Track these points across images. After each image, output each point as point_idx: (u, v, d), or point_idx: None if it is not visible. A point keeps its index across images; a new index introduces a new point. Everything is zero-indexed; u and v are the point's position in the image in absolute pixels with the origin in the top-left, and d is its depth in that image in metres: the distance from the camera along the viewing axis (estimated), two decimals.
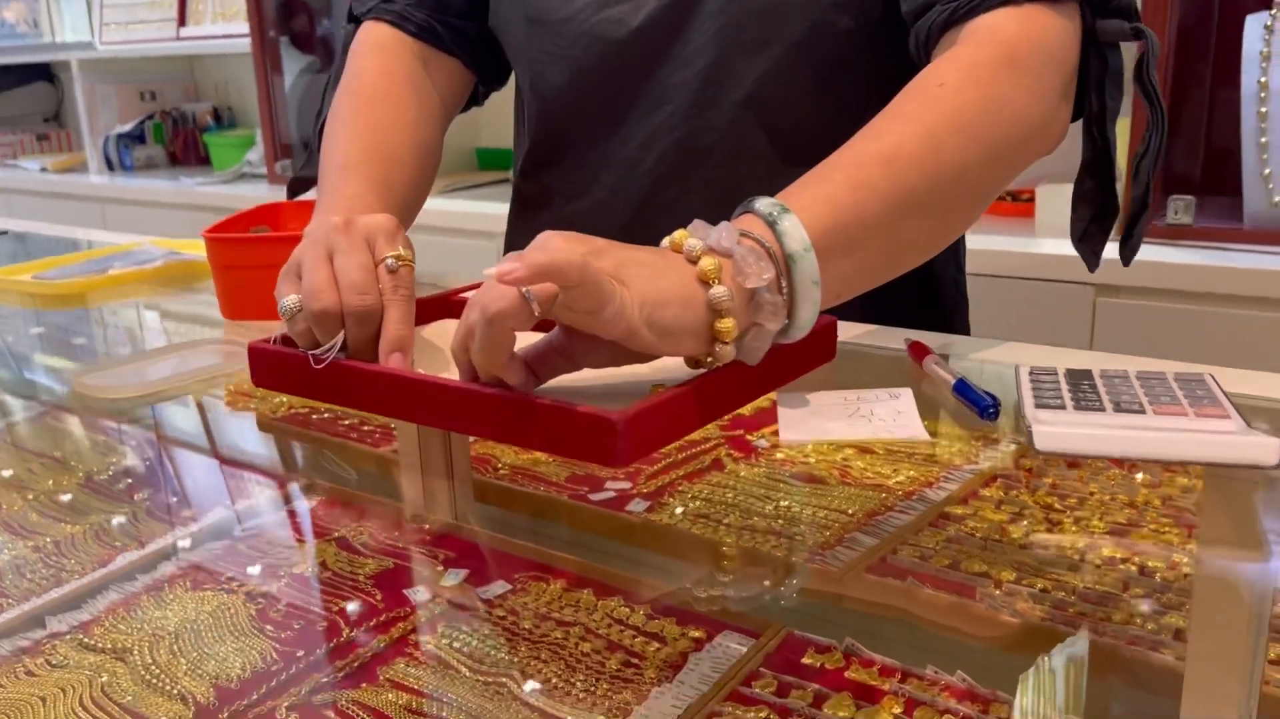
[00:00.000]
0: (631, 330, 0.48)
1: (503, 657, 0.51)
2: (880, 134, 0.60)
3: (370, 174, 0.77)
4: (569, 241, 0.49)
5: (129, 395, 0.78)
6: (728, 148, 0.81)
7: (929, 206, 0.60)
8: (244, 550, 0.64)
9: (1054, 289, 1.46)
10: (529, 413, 0.48)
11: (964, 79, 0.62)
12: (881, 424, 0.47)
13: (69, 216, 3.01)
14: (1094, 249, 0.73)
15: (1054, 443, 0.43)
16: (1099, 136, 0.70)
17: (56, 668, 0.53)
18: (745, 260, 0.51)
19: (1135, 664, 0.48)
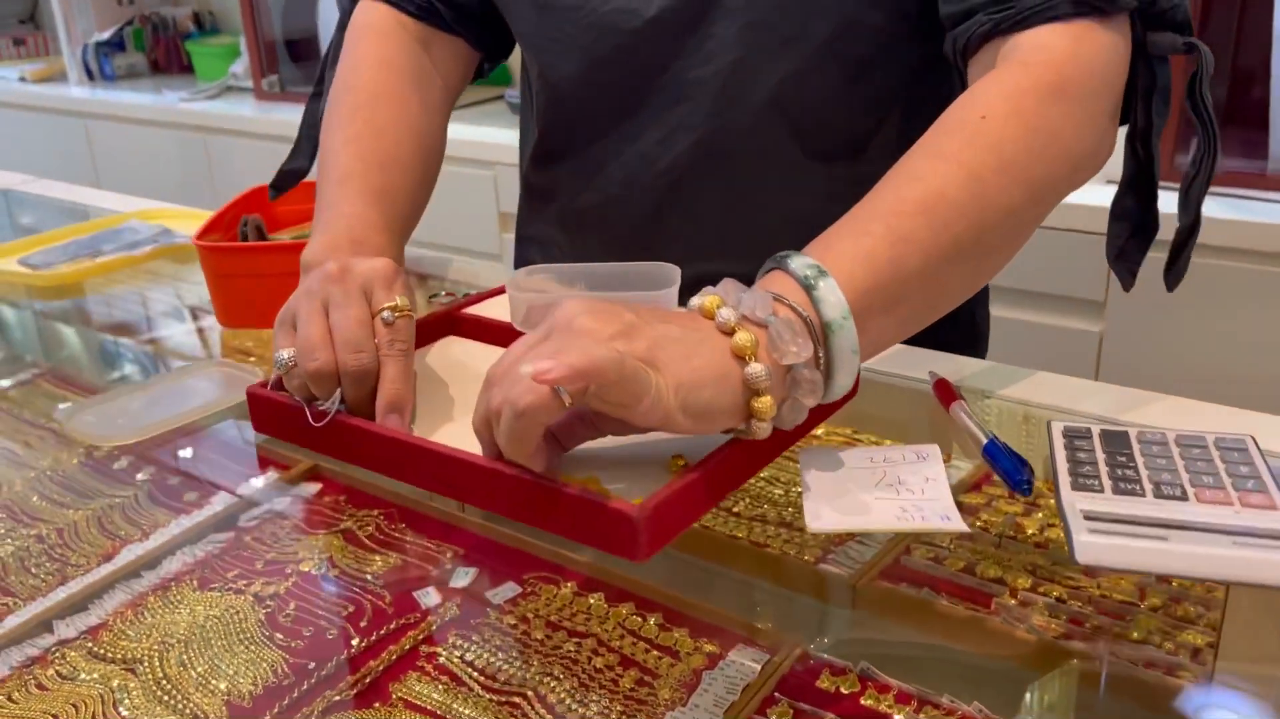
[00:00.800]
0: (667, 418, 0.47)
1: (515, 672, 0.51)
2: (920, 176, 0.56)
3: (369, 184, 0.73)
4: (599, 321, 0.47)
5: (120, 443, 0.75)
6: (750, 148, 0.78)
7: (971, 253, 0.57)
8: (250, 544, 0.63)
9: (1068, 239, 1.43)
10: (549, 499, 0.46)
11: (1009, 110, 0.57)
12: (910, 499, 0.46)
13: (51, 132, 2.94)
14: (1130, 268, 0.69)
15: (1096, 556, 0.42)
16: (1143, 152, 0.66)
17: (66, 680, 0.53)
18: (781, 336, 0.48)
19: (1153, 689, 0.48)
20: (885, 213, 0.54)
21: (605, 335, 0.46)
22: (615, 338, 0.46)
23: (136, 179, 2.77)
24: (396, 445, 0.53)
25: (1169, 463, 0.47)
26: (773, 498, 0.64)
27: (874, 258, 0.53)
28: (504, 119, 2.14)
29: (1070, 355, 1.51)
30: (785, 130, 0.76)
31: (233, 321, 0.92)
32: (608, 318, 0.47)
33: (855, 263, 0.52)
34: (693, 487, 0.47)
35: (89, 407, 0.80)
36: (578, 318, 0.47)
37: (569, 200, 0.87)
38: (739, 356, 0.48)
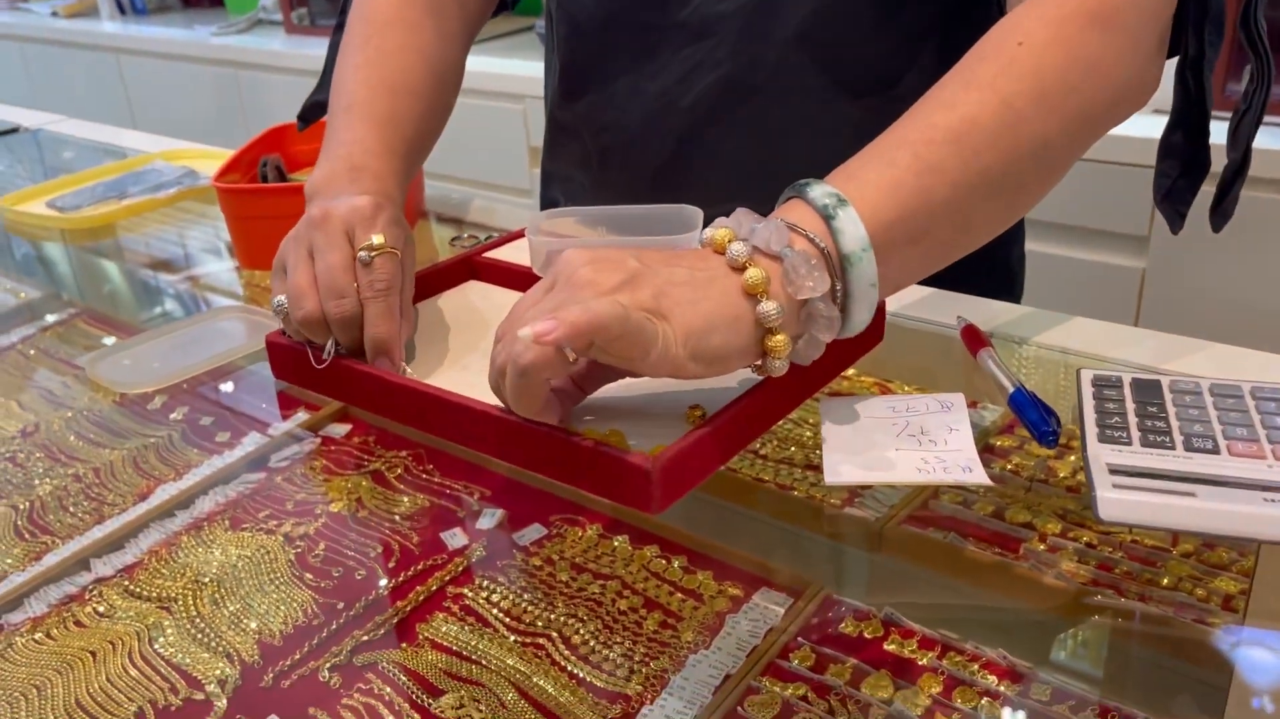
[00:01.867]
0: (677, 367, 0.46)
1: (540, 613, 0.52)
2: (952, 104, 0.53)
3: (374, 110, 0.71)
4: (601, 271, 0.46)
5: (144, 390, 0.76)
6: (777, 85, 0.75)
7: (1002, 186, 0.54)
8: (280, 484, 0.64)
9: (1111, 171, 1.39)
10: (564, 450, 0.46)
11: (1048, 37, 0.54)
12: (932, 449, 0.45)
13: (84, 68, 2.94)
14: (1179, 209, 0.65)
15: (1119, 512, 0.41)
16: (1193, 84, 0.62)
17: (104, 618, 0.54)
18: (796, 269, 0.47)
19: (1183, 637, 0.47)
20: (914, 140, 0.52)
21: (608, 286, 0.45)
22: (619, 288, 0.45)
23: (169, 114, 2.77)
24: (413, 394, 0.53)
25: (1202, 413, 0.46)
26: (801, 439, 0.64)
27: (899, 187, 0.50)
28: (533, 51, 2.11)
29: (1111, 294, 1.47)
30: (813, 66, 0.74)
31: (254, 263, 0.92)
32: (611, 267, 0.46)
33: (879, 192, 0.50)
34: (708, 439, 0.46)
35: (113, 353, 0.81)
36: (579, 269, 0.46)
37: (591, 138, 0.85)
38: (751, 294, 0.47)
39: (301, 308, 0.58)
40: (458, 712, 0.46)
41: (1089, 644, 0.48)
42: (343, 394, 0.59)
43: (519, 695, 0.47)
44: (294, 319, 0.58)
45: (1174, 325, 0.75)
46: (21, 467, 0.68)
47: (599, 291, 0.45)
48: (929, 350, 0.72)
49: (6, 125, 1.51)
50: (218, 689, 0.48)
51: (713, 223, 0.51)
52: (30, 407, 0.76)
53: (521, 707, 0.46)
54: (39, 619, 0.54)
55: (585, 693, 0.47)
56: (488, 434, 0.49)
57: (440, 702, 0.47)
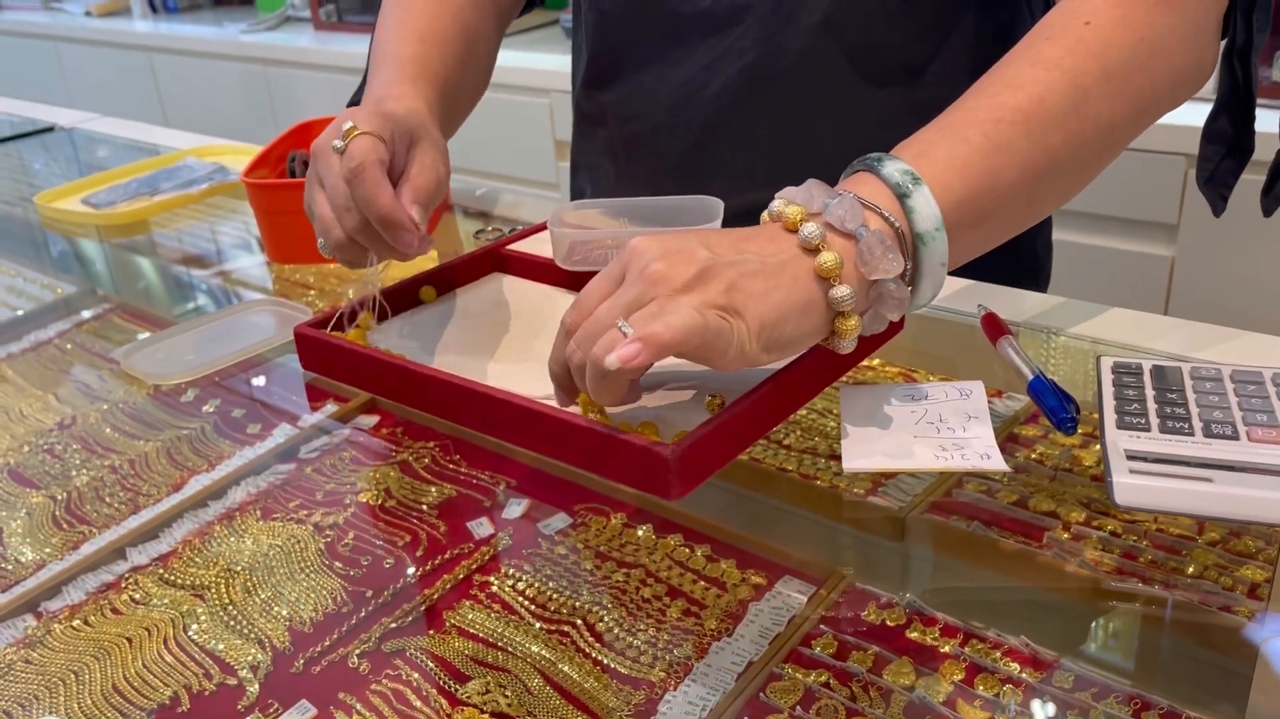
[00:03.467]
0: (752, 361, 0.46)
1: (566, 601, 0.52)
2: (1021, 83, 0.53)
3: (401, 54, 0.72)
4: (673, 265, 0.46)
5: (176, 381, 0.77)
6: (801, 73, 0.75)
7: (1066, 167, 0.54)
8: (310, 475, 0.65)
9: (1142, 159, 1.38)
10: (585, 438, 0.47)
11: (1115, 17, 0.54)
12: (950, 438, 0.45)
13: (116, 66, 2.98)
14: (1222, 192, 0.65)
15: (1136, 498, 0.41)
16: (1240, 70, 0.62)
17: (140, 605, 0.55)
18: (873, 251, 0.46)
19: (1207, 626, 0.47)
20: (983, 119, 0.52)
21: (681, 282, 0.45)
22: (692, 285, 0.45)
23: (201, 111, 2.81)
24: (436, 383, 0.53)
25: (1222, 399, 0.46)
26: (825, 430, 0.64)
27: (970, 167, 0.50)
28: (558, 44, 2.11)
29: (1140, 282, 1.46)
30: (837, 54, 0.74)
31: (282, 257, 0.93)
32: (683, 259, 0.46)
33: (951, 171, 0.50)
34: (727, 427, 0.47)
35: (145, 346, 0.83)
36: (652, 263, 0.46)
37: (617, 127, 0.86)
38: (823, 278, 0.47)
39: (328, 234, 0.59)
40: (484, 697, 0.47)
41: (1112, 632, 0.48)
42: (369, 384, 0.59)
43: (544, 682, 0.47)
44: (329, 247, 0.60)
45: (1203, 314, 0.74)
46: (59, 458, 0.69)
47: (673, 289, 0.45)
48: (952, 339, 0.72)
49: (42, 124, 1.54)
50: (250, 674, 0.49)
51: (782, 193, 0.50)
52: (67, 400, 0.77)
53: (546, 693, 0.47)
54: (77, 607, 0.55)
55: (609, 679, 0.47)
56: (509, 422, 0.50)
57: (467, 687, 0.47)
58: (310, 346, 0.61)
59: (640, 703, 0.46)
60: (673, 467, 0.43)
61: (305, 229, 0.64)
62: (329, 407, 0.72)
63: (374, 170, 0.57)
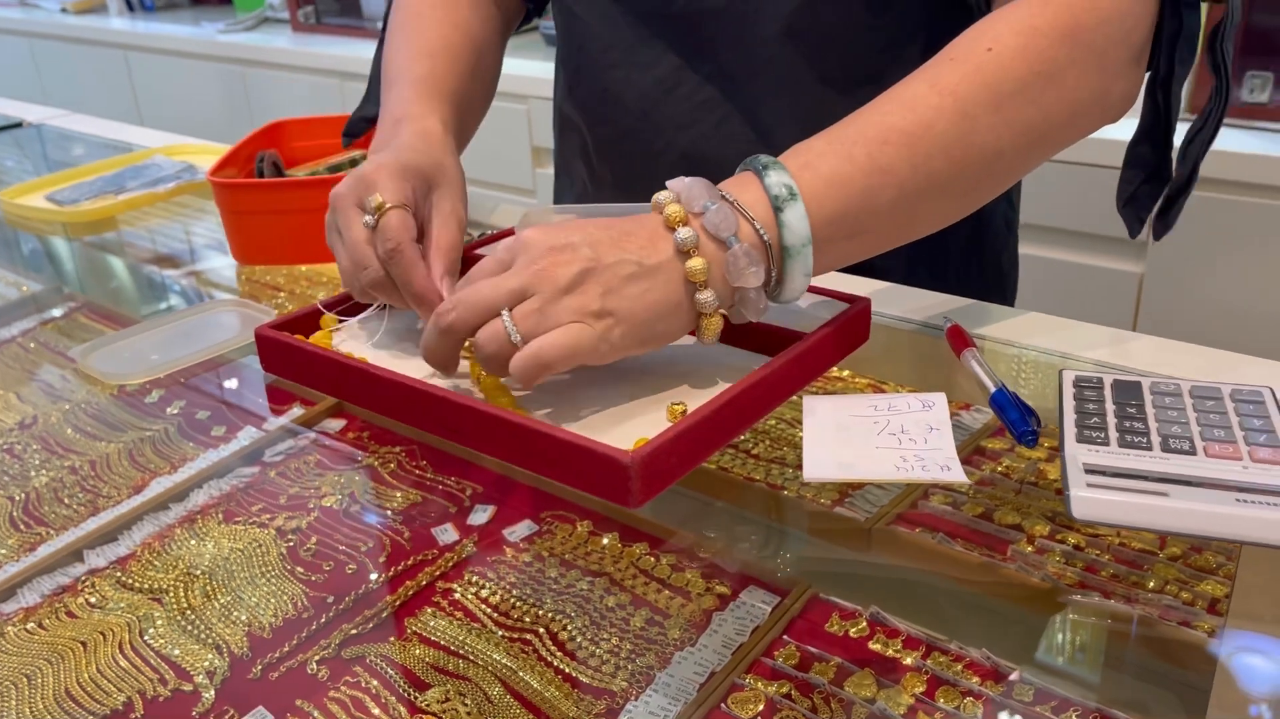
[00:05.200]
0: (623, 354, 0.51)
1: (528, 609, 0.52)
2: (913, 105, 0.55)
3: (413, 74, 0.75)
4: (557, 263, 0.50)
5: (135, 381, 0.76)
6: (768, 79, 0.76)
7: (949, 190, 0.56)
8: (274, 479, 0.64)
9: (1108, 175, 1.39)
10: (545, 444, 0.47)
11: (1016, 46, 0.56)
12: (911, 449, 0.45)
13: (92, 64, 2.95)
14: (1139, 215, 0.67)
15: (1093, 511, 0.41)
16: (1162, 100, 0.63)
17: (96, 609, 0.54)
18: (738, 262, 0.51)
19: (1167, 640, 0.47)
20: (870, 138, 0.54)
21: (563, 282, 0.49)
22: (572, 287, 0.49)
23: (176, 111, 2.78)
24: (395, 387, 0.53)
25: (1180, 415, 0.46)
26: (794, 440, 0.64)
27: (849, 185, 0.53)
28: (538, 52, 2.11)
29: (1109, 298, 1.47)
30: (804, 61, 0.74)
31: (248, 258, 0.92)
32: (566, 258, 0.50)
33: (830, 187, 0.53)
34: (689, 434, 0.47)
35: (103, 345, 0.82)
36: (538, 259, 0.50)
37: (589, 130, 0.86)
38: (691, 281, 0.51)
39: (351, 286, 0.63)
40: (443, 705, 0.46)
41: (1073, 645, 0.48)
42: (330, 388, 0.59)
43: (505, 690, 0.47)
44: (355, 295, 0.63)
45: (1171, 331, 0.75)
46: (19, 458, 0.68)
47: (556, 288, 0.49)
48: (919, 351, 0.72)
49: (9, 120, 1.52)
50: (206, 681, 0.49)
51: (671, 182, 0.53)
52: (29, 399, 0.76)
53: (507, 702, 0.46)
54: (31, 609, 0.54)
55: (571, 689, 0.47)
56: (470, 427, 0.50)
57: (426, 695, 0.47)
58: (271, 348, 0.60)
59: (601, 712, 0.45)
60: (633, 473, 0.43)
61: (272, 230, 0.64)
62: (294, 410, 0.72)
63: (409, 251, 0.60)
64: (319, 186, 0.88)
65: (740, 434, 0.53)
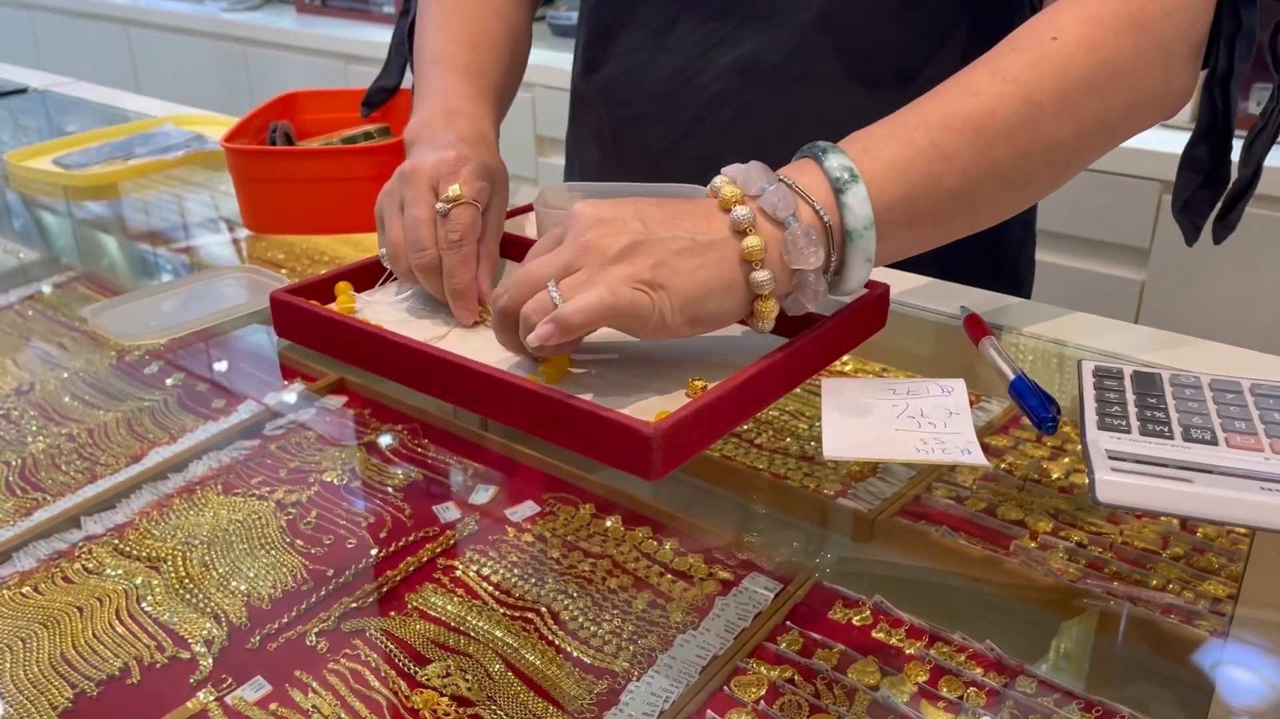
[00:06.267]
0: (672, 332, 0.48)
1: (530, 588, 0.52)
2: (976, 91, 0.54)
3: (460, 62, 0.75)
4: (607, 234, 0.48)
5: (147, 341, 0.76)
6: (794, 69, 0.75)
7: (1012, 179, 0.55)
8: (274, 452, 0.64)
9: (1110, 180, 1.39)
10: (565, 415, 0.47)
11: (1081, 35, 0.55)
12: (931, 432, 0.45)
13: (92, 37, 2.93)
14: (1196, 221, 0.66)
15: (1117, 495, 0.41)
16: (1220, 99, 0.62)
17: (92, 574, 0.54)
18: (797, 242, 0.48)
19: (1170, 638, 0.47)
20: (933, 123, 0.53)
21: (612, 254, 0.47)
22: (621, 258, 0.47)
23: (176, 88, 2.77)
24: (416, 355, 0.53)
25: (1201, 406, 0.46)
26: (796, 431, 0.64)
27: (911, 170, 0.52)
28: (544, 40, 2.10)
29: (1110, 304, 1.48)
30: (831, 52, 0.74)
31: (259, 226, 0.92)
32: (615, 230, 0.48)
33: (891, 172, 0.51)
34: (709, 410, 0.46)
35: (116, 306, 0.81)
36: (587, 231, 0.49)
37: (607, 112, 0.85)
38: (746, 261, 0.49)
39: (398, 263, 0.63)
40: (444, 680, 0.46)
41: (1076, 641, 0.48)
42: (344, 354, 0.59)
43: (505, 667, 0.47)
44: (397, 271, 0.63)
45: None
46: (15, 424, 0.68)
47: (603, 259, 0.47)
48: (933, 340, 0.72)
49: (15, 85, 1.51)
50: (204, 649, 0.48)
51: (725, 169, 0.52)
52: (26, 366, 0.75)
53: (508, 679, 0.46)
54: (27, 574, 0.54)
55: (572, 668, 0.47)
56: (489, 397, 0.49)
57: (426, 670, 0.47)
58: (286, 313, 0.60)
59: (602, 692, 0.45)
60: (655, 445, 0.43)
61: (284, 199, 0.64)
62: (296, 385, 0.71)
63: (469, 248, 0.61)
64: (333, 157, 0.88)
65: (757, 413, 0.52)
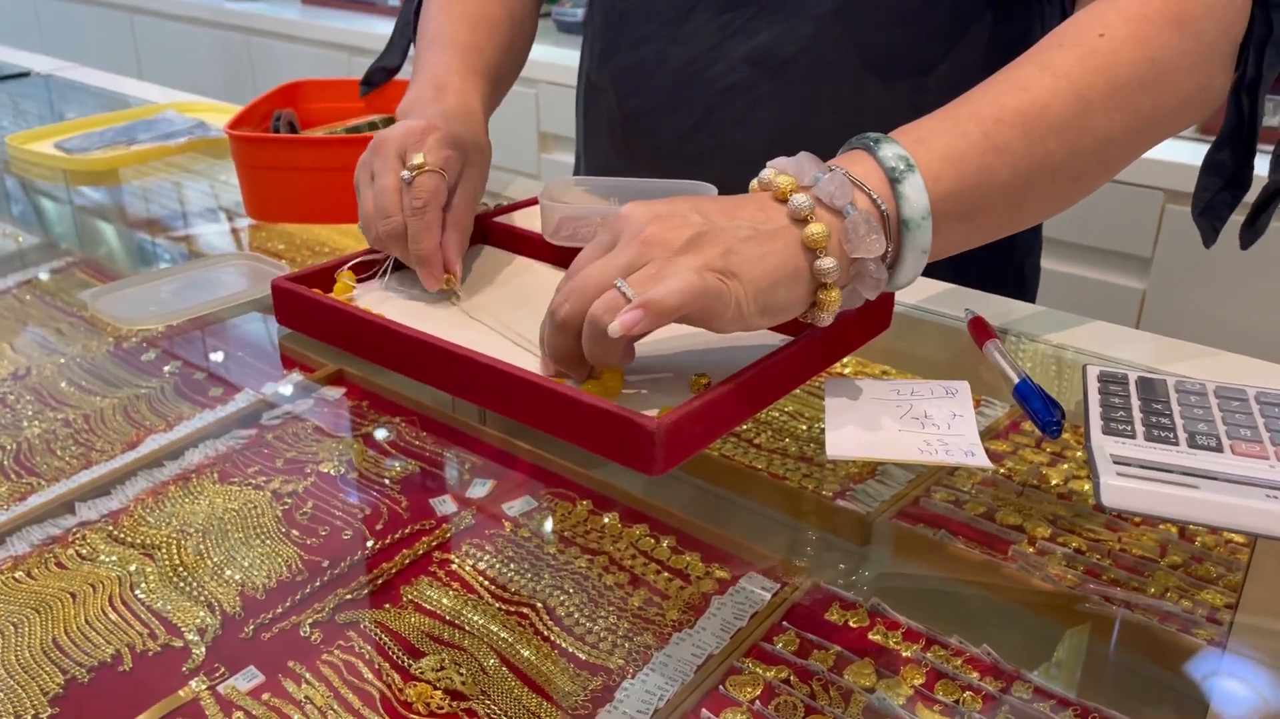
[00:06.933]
0: (746, 323, 0.47)
1: (526, 583, 0.51)
2: (1026, 85, 0.54)
3: (457, 40, 0.76)
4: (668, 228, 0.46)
5: (147, 326, 0.76)
6: (808, 61, 0.75)
7: (1061, 175, 0.55)
8: (271, 442, 0.64)
9: (1121, 192, 1.39)
10: (568, 408, 0.46)
11: (1128, 33, 0.55)
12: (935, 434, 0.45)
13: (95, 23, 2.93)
14: (1215, 224, 0.66)
15: (1122, 499, 0.41)
16: (1247, 104, 0.62)
17: (86, 560, 0.53)
18: (858, 229, 0.48)
19: (1167, 646, 0.47)
20: (984, 117, 0.53)
21: (678, 245, 0.46)
22: (688, 248, 0.46)
23: (178, 77, 2.76)
24: (419, 346, 0.52)
25: (1206, 413, 0.46)
26: (795, 432, 0.64)
27: (964, 162, 0.51)
28: (549, 36, 2.10)
29: (1110, 312, 1.48)
30: (847, 44, 0.74)
31: (261, 215, 0.92)
32: (676, 224, 0.47)
33: (945, 163, 0.51)
34: (712, 406, 0.46)
35: (116, 290, 0.81)
36: (646, 227, 0.47)
37: (618, 103, 0.85)
38: (809, 248, 0.48)
39: (368, 230, 0.64)
40: (438, 674, 0.46)
41: (1073, 647, 0.48)
42: (347, 343, 0.58)
43: (500, 662, 0.46)
44: (368, 239, 0.65)
45: None
46: (11, 408, 0.67)
47: (671, 251, 0.46)
48: (936, 342, 0.72)
49: (17, 69, 1.51)
50: (197, 637, 0.48)
51: (773, 162, 0.51)
52: (23, 350, 0.75)
53: (502, 673, 0.46)
54: (20, 558, 0.54)
55: (567, 663, 0.46)
56: (492, 389, 0.49)
57: (421, 663, 0.46)
58: (287, 300, 0.59)
59: (597, 689, 0.45)
60: (658, 440, 0.43)
61: (287, 187, 0.64)
62: (294, 376, 0.71)
63: (431, 214, 0.62)
64: (337, 146, 0.88)
65: (760, 410, 0.52)
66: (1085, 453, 0.45)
